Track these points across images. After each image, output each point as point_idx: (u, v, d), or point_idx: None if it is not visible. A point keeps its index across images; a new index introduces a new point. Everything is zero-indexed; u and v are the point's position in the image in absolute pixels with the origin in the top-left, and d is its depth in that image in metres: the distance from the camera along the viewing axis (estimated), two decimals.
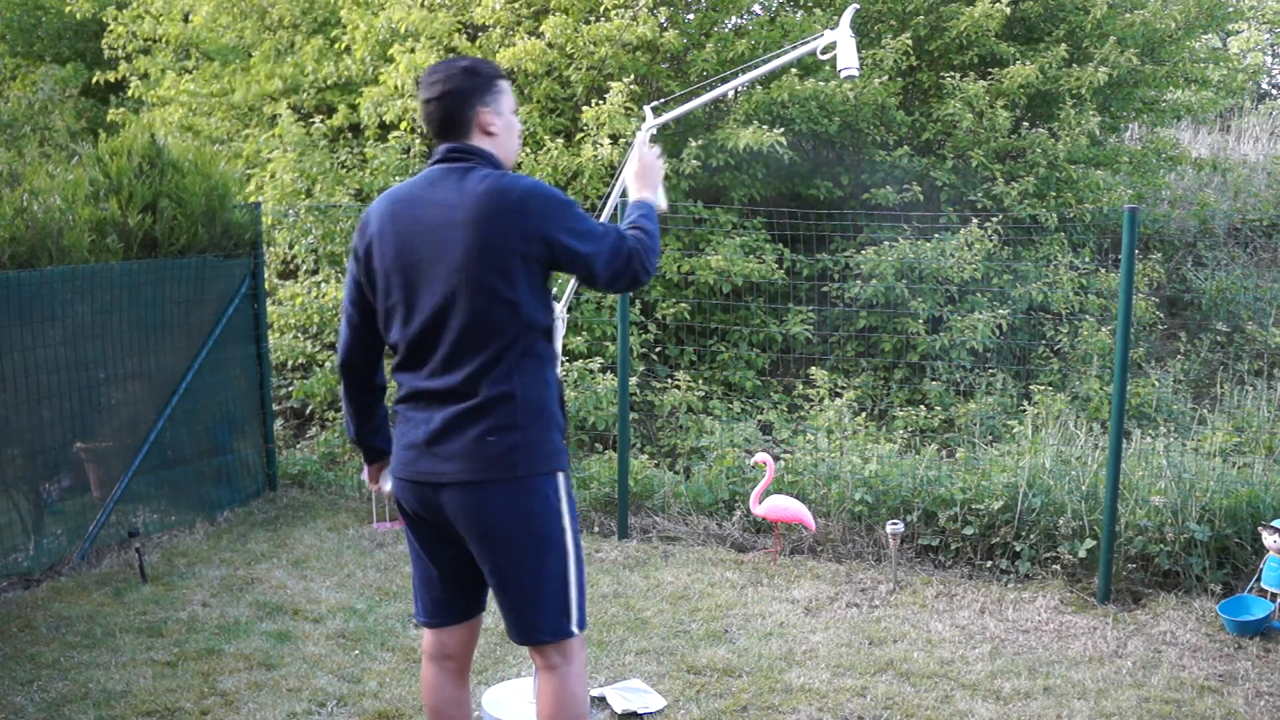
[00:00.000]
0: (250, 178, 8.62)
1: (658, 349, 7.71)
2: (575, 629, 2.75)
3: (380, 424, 2.94)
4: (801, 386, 7.00)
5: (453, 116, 2.72)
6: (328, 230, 7.80)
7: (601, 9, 8.21)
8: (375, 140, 8.45)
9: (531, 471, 2.65)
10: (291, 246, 7.94)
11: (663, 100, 7.82)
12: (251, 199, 8.13)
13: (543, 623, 2.71)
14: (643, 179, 3.07)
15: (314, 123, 8.55)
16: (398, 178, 8.03)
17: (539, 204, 2.63)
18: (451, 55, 8.56)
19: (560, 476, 2.73)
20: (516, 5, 8.48)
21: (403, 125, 8.31)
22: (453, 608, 2.87)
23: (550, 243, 2.63)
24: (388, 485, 2.89)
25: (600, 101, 7.86)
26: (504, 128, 2.77)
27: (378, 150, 8.13)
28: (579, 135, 7.99)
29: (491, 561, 2.69)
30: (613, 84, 7.82)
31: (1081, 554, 4.94)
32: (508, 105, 2.80)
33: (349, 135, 8.82)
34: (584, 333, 7.38)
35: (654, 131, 3.29)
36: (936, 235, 7.91)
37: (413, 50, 8.25)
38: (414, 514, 2.77)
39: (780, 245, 7.91)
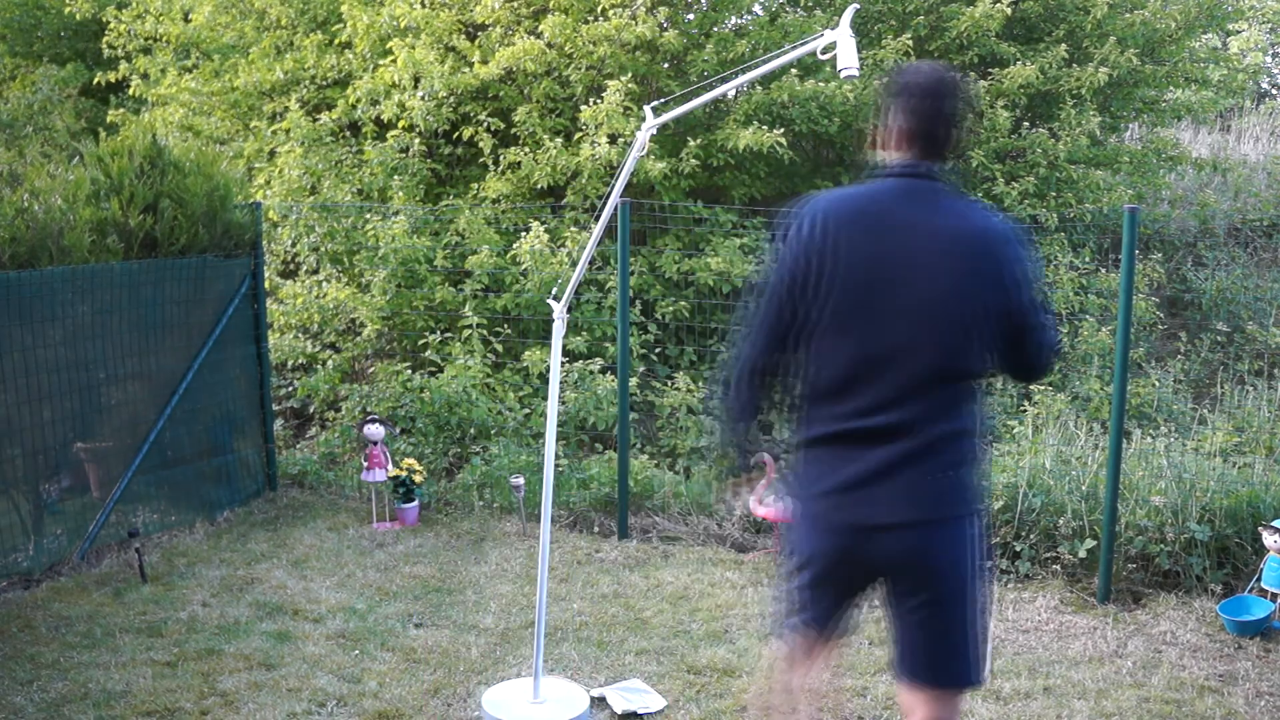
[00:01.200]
0: (257, 173, 8.62)
1: (658, 349, 7.70)
2: (986, 675, 2.62)
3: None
4: None
5: (947, 134, 2.53)
6: (331, 229, 7.80)
7: (599, 8, 8.21)
8: (372, 138, 8.44)
9: (971, 510, 2.51)
10: (294, 244, 7.94)
11: (663, 100, 7.82)
12: (259, 194, 8.13)
13: (960, 667, 2.53)
14: None
15: (319, 119, 8.54)
16: (396, 177, 8.02)
17: (1021, 255, 2.50)
18: (453, 53, 8.56)
19: (982, 513, 2.58)
20: (516, 4, 8.48)
21: (401, 124, 8.29)
22: (845, 623, 2.72)
23: (1020, 301, 2.49)
24: (765, 506, 2.67)
25: (599, 101, 7.86)
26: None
27: (376, 150, 8.12)
28: (578, 135, 7.99)
29: (924, 602, 2.50)
30: (610, 82, 7.81)
31: (1081, 554, 4.94)
32: None
33: (348, 134, 8.82)
34: (584, 333, 7.38)
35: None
36: None
37: (412, 46, 8.24)
38: (831, 556, 2.56)
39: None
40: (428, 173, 8.38)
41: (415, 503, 5.94)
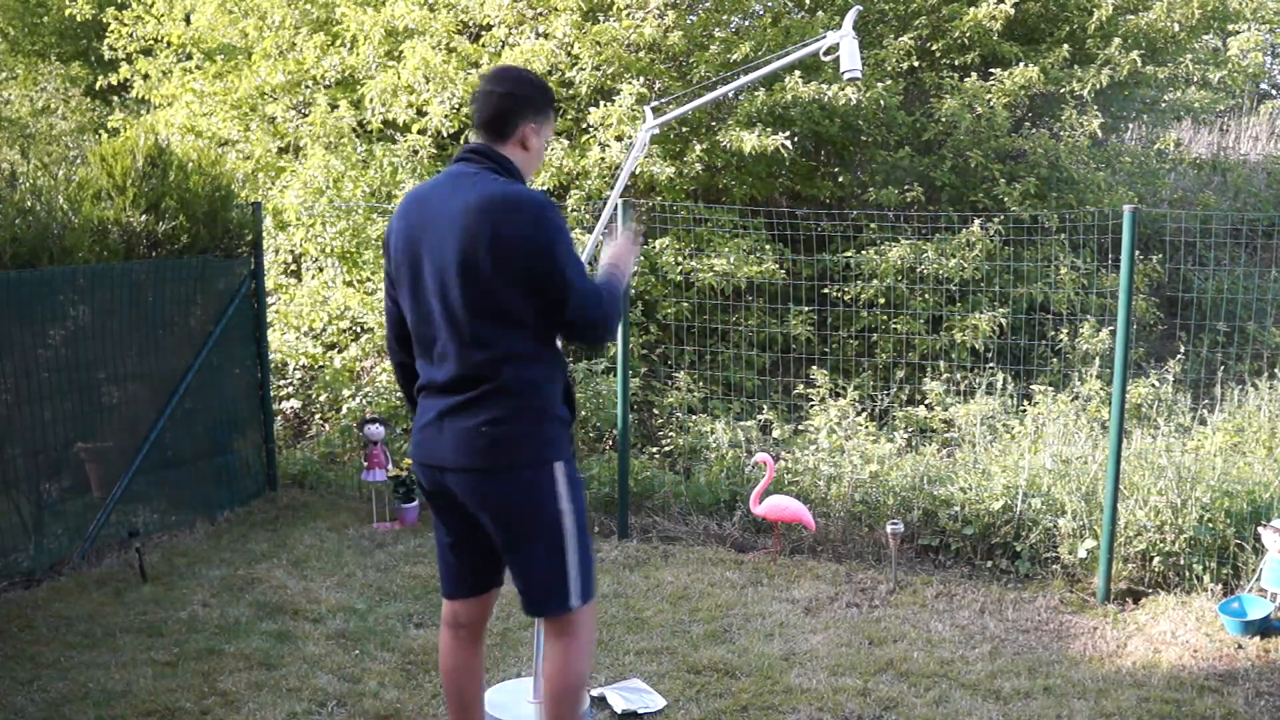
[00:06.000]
0: (268, 173, 8.60)
1: (658, 349, 7.70)
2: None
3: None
4: (801, 387, 6.99)
5: (494, 116, 2.83)
6: (343, 229, 7.80)
7: (609, 7, 8.20)
8: (379, 137, 8.44)
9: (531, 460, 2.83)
10: (304, 243, 7.93)
11: (664, 100, 7.82)
12: (283, 195, 8.11)
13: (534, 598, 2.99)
14: (618, 260, 3.08)
15: (342, 118, 8.50)
16: (411, 180, 8.01)
17: (535, 219, 2.70)
18: (453, 54, 8.57)
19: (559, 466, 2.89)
20: (520, 5, 8.47)
21: (416, 127, 8.25)
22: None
23: (532, 266, 2.73)
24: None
25: (608, 103, 7.85)
26: (538, 149, 2.90)
27: (386, 151, 8.11)
28: (584, 137, 7.98)
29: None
30: (622, 86, 7.81)
31: (1081, 554, 4.94)
32: (549, 131, 2.94)
33: (358, 133, 8.81)
34: None
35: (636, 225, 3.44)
36: (937, 235, 7.91)
37: (414, 47, 8.23)
38: (424, 487, 3.01)
39: (781, 245, 7.91)
40: (437, 173, 8.35)
41: (415, 503, 5.94)
